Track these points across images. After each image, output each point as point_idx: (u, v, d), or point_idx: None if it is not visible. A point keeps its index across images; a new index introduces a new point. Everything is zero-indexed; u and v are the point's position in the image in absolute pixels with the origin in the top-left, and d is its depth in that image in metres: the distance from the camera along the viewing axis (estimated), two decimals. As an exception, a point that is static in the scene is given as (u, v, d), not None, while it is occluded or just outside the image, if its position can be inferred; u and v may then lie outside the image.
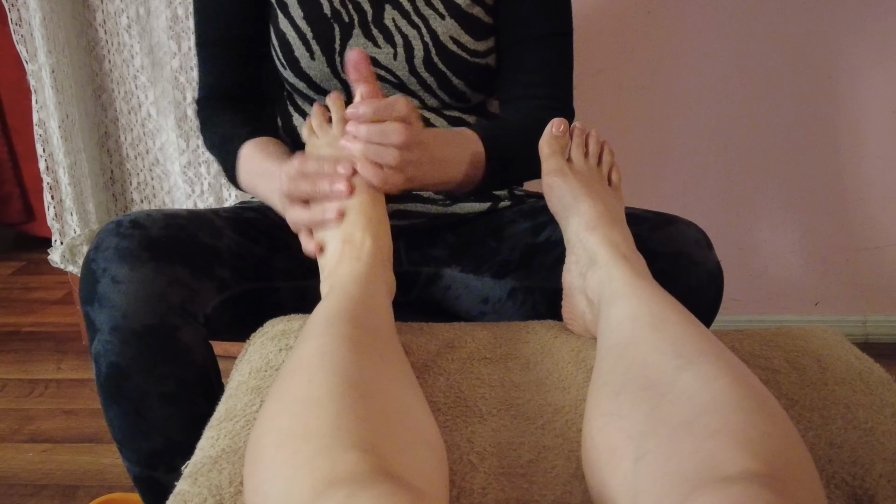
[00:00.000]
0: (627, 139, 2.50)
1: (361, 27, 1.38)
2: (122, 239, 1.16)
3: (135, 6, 2.21)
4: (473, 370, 1.08)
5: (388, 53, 1.39)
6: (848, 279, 2.68)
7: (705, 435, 0.68)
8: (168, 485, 0.87)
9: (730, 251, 2.62)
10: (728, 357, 0.80)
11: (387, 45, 1.39)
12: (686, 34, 2.42)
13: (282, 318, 1.22)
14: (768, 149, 2.53)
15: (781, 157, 2.53)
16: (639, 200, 1.79)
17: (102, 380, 1.18)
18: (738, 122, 2.50)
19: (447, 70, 1.40)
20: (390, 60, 1.39)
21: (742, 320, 2.72)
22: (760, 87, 2.46)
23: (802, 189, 2.57)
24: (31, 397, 2.45)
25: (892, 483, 0.83)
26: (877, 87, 2.44)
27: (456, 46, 1.39)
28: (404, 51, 1.39)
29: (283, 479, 0.67)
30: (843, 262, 2.65)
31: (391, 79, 1.41)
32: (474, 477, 0.85)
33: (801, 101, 2.47)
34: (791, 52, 2.41)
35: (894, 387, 1.04)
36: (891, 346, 2.70)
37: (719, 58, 2.44)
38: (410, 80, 1.41)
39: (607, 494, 0.72)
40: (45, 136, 2.25)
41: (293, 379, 0.80)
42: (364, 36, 1.39)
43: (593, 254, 1.07)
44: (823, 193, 2.57)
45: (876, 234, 2.61)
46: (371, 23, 1.39)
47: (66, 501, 1.95)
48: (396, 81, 1.41)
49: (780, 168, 2.55)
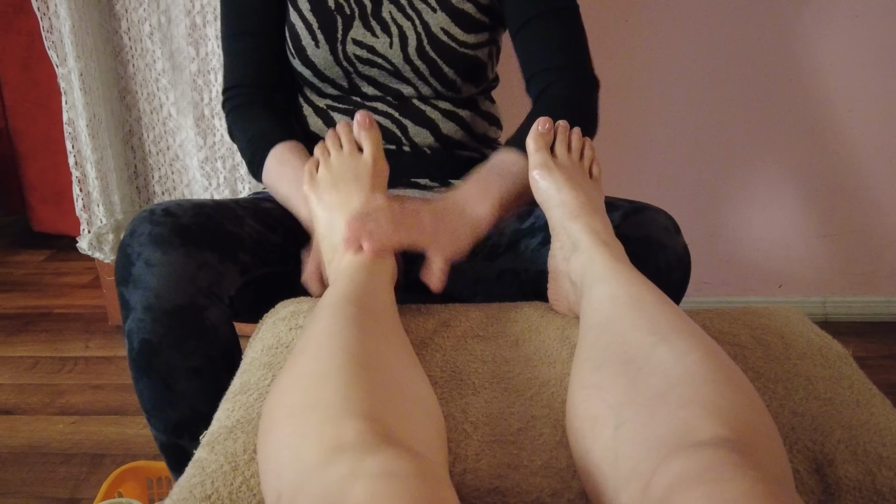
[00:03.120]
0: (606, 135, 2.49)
1: (361, 19, 1.39)
2: (156, 226, 1.16)
3: (157, 15, 2.20)
4: (467, 347, 1.08)
5: (385, 42, 1.40)
6: (808, 263, 2.68)
7: (679, 405, 0.68)
8: (192, 452, 0.87)
9: (700, 238, 2.63)
10: (699, 334, 0.80)
11: (383, 35, 1.39)
12: (659, 40, 2.42)
13: (292, 300, 1.22)
14: (735, 144, 2.53)
15: (747, 152, 2.54)
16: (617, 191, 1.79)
17: (135, 355, 1.18)
18: (708, 121, 2.51)
19: (438, 58, 1.41)
20: (386, 49, 1.40)
21: (712, 301, 2.72)
22: (728, 88, 2.46)
23: (766, 181, 2.57)
24: (62, 373, 2.45)
25: (849, 448, 0.83)
26: (833, 89, 2.45)
27: (446, 37, 1.40)
28: (399, 40, 1.39)
29: (294, 445, 0.67)
30: (804, 248, 2.65)
31: (387, 66, 1.41)
32: (469, 444, 0.85)
33: (765, 102, 2.47)
34: (755, 57, 2.41)
35: (851, 361, 1.05)
36: (848, 325, 2.70)
37: (690, 62, 2.44)
38: (405, 68, 1.41)
39: (590, 460, 0.73)
40: (74, 133, 2.25)
41: (304, 355, 0.80)
42: (363, 27, 1.39)
43: (576, 240, 1.07)
44: (786, 185, 2.57)
45: (834, 222, 2.61)
46: (370, 15, 1.40)
47: (94, 469, 1.95)
48: (392, 68, 1.41)
49: (746, 162, 2.55)
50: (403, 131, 1.45)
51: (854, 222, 2.61)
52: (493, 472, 0.81)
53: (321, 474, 0.62)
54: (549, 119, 1.23)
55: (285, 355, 1.04)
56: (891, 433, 0.86)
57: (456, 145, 1.49)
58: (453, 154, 1.50)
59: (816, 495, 0.78)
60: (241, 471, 0.81)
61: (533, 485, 0.79)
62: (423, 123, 1.45)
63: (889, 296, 2.70)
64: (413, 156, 1.47)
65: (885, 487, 0.78)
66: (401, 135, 1.45)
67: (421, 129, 1.45)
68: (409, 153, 1.46)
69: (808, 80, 2.44)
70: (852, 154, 2.53)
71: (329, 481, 0.60)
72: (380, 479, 0.58)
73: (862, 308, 2.72)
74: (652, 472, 0.62)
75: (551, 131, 1.22)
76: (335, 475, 0.60)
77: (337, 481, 0.60)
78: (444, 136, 1.47)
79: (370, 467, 0.60)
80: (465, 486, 0.79)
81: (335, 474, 0.61)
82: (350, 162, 1.21)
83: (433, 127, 1.45)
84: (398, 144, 1.46)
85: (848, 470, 0.80)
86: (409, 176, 1.46)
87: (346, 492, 0.58)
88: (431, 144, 1.47)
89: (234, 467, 0.82)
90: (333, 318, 0.86)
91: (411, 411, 0.74)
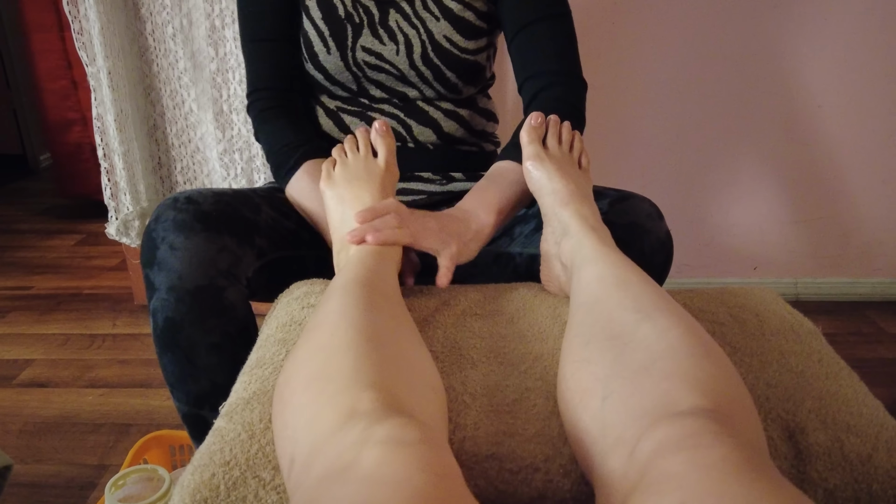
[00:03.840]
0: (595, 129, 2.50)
1: (370, 27, 1.39)
2: (179, 212, 1.17)
3: (179, 18, 2.19)
4: (466, 324, 1.08)
5: (392, 49, 1.39)
6: (781, 247, 2.68)
7: (661, 377, 0.68)
8: (211, 422, 0.88)
9: (681, 224, 2.63)
10: (680, 312, 0.80)
11: (390, 43, 1.39)
12: (644, 42, 2.41)
13: (305, 282, 1.22)
14: (714, 138, 2.53)
15: (725, 144, 2.53)
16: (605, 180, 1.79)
17: (159, 332, 1.18)
18: (688, 115, 2.50)
19: (441, 64, 1.40)
20: (393, 56, 1.39)
21: (692, 282, 2.72)
22: (707, 86, 2.46)
23: (743, 172, 2.57)
24: (91, 349, 2.45)
25: (819, 417, 0.83)
26: (804, 87, 2.45)
27: (449, 44, 1.39)
28: (405, 47, 1.39)
29: (309, 414, 0.68)
30: (777, 233, 2.65)
31: (394, 71, 1.41)
32: (468, 414, 0.86)
33: (741, 98, 2.47)
34: (732, 57, 2.41)
35: (821, 337, 1.05)
36: (817, 304, 2.70)
37: (672, 61, 2.43)
38: (410, 73, 1.41)
39: (580, 428, 0.73)
40: (103, 127, 2.24)
41: (319, 331, 0.80)
42: (372, 35, 1.39)
43: (566, 226, 1.07)
44: (760, 175, 2.57)
45: (804, 209, 2.61)
46: (378, 24, 1.39)
47: (121, 437, 1.95)
48: (398, 73, 1.41)
49: (724, 154, 2.55)
50: (408, 130, 1.45)
51: (823, 209, 2.61)
52: (491, 440, 0.81)
53: (335, 440, 0.62)
54: (542, 114, 1.23)
55: (298, 332, 1.04)
56: (857, 403, 0.86)
57: (456, 141, 1.49)
58: (454, 149, 1.49)
59: (789, 460, 0.78)
60: (257, 439, 0.81)
61: (527, 451, 0.79)
62: (426, 123, 1.45)
63: (855, 277, 2.71)
64: (417, 152, 1.46)
65: (853, 453, 0.78)
66: (406, 134, 1.45)
67: (424, 129, 1.45)
68: (413, 149, 1.46)
69: (781, 78, 2.44)
70: (822, 146, 2.53)
71: (342, 446, 0.61)
72: (389, 445, 0.59)
73: (830, 288, 2.72)
74: (637, 440, 0.63)
75: (543, 125, 1.22)
76: (348, 441, 0.61)
77: (350, 446, 0.60)
78: (445, 134, 1.47)
79: (380, 434, 0.60)
80: (465, 452, 0.79)
81: (348, 440, 0.61)
82: (365, 163, 1.22)
83: (436, 126, 1.45)
84: (404, 142, 1.46)
85: (818, 437, 0.80)
86: (414, 170, 1.46)
87: (358, 456, 0.58)
88: (434, 141, 1.47)
89: (251, 435, 0.82)
90: (345, 297, 0.86)
91: (416, 383, 0.74)
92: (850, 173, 2.56)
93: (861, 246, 2.66)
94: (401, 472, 0.56)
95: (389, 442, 0.59)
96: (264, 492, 0.74)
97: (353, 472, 0.57)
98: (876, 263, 2.69)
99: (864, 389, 0.91)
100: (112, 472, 1.81)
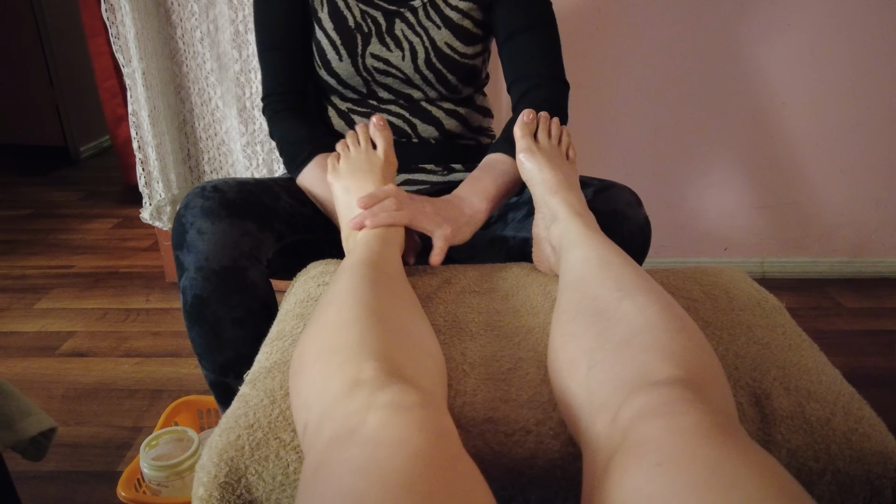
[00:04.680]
0: (581, 124, 2.50)
1: (378, 36, 1.38)
2: (206, 200, 1.17)
3: (206, 24, 2.19)
4: (465, 300, 1.08)
5: (398, 56, 1.38)
6: (749, 230, 2.68)
7: (640, 349, 0.68)
8: (236, 388, 0.88)
9: (659, 209, 2.63)
10: (658, 290, 0.80)
11: (397, 50, 1.38)
12: (625, 47, 2.40)
13: (320, 262, 1.22)
14: (688, 132, 2.52)
15: (698, 138, 2.53)
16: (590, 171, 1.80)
17: (188, 308, 1.18)
18: (665, 112, 2.49)
19: (443, 68, 1.39)
20: (399, 61, 1.39)
21: (669, 261, 2.72)
22: (682, 85, 2.45)
23: (714, 162, 2.56)
24: (126, 322, 2.45)
25: (783, 384, 0.84)
26: (770, 86, 2.44)
27: (449, 50, 1.38)
28: (410, 54, 1.38)
29: (320, 381, 0.68)
30: (746, 217, 2.65)
31: (400, 75, 1.40)
32: (467, 381, 0.86)
33: (713, 96, 2.46)
34: (705, 60, 2.40)
35: (785, 312, 1.05)
36: (782, 281, 2.70)
37: (651, 63, 2.42)
38: (415, 76, 1.40)
39: (567, 395, 0.73)
40: (138, 122, 2.24)
41: (328, 308, 0.80)
42: (380, 42, 1.38)
43: (555, 212, 1.07)
44: (730, 165, 2.57)
45: (770, 195, 2.61)
46: (385, 32, 1.38)
47: (154, 402, 1.96)
48: (404, 77, 1.40)
49: (697, 146, 2.54)
50: (413, 128, 1.45)
51: (787, 196, 2.61)
52: (487, 405, 0.81)
53: (342, 406, 0.62)
54: (533, 111, 1.23)
55: (314, 307, 1.04)
56: (817, 372, 0.87)
57: (456, 137, 1.49)
58: (454, 144, 1.49)
59: (756, 424, 0.78)
60: (278, 404, 0.81)
61: (520, 415, 0.79)
62: (429, 121, 1.44)
63: (816, 257, 2.71)
64: (421, 146, 1.46)
65: (813, 417, 0.78)
66: (410, 131, 1.45)
67: (428, 126, 1.44)
68: (417, 144, 1.46)
69: (749, 78, 2.43)
70: (785, 139, 2.52)
71: (349, 411, 0.61)
72: (390, 409, 0.59)
73: (794, 267, 2.72)
74: (618, 406, 0.63)
75: (534, 121, 1.22)
76: (354, 406, 0.61)
77: (355, 411, 0.60)
78: (446, 131, 1.46)
79: (382, 400, 0.60)
80: (464, 416, 0.79)
81: (354, 405, 0.61)
82: (366, 156, 1.23)
83: (438, 123, 1.45)
84: (409, 138, 1.45)
85: (782, 403, 0.80)
86: (418, 162, 1.46)
87: (363, 420, 0.59)
88: (436, 137, 1.46)
89: (273, 401, 0.82)
90: (353, 277, 0.86)
91: (417, 354, 0.74)
92: (811, 163, 2.56)
93: (821, 229, 2.66)
94: (401, 434, 0.56)
95: (391, 406, 0.59)
96: (284, 452, 0.75)
97: (359, 434, 0.57)
98: (834, 244, 2.69)
99: (824, 359, 0.91)
100: (146, 433, 1.81)
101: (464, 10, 1.39)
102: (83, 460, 1.73)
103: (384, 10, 1.39)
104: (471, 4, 1.39)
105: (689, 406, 0.58)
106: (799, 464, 0.74)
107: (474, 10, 1.40)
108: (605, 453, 0.61)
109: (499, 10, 1.39)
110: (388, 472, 0.52)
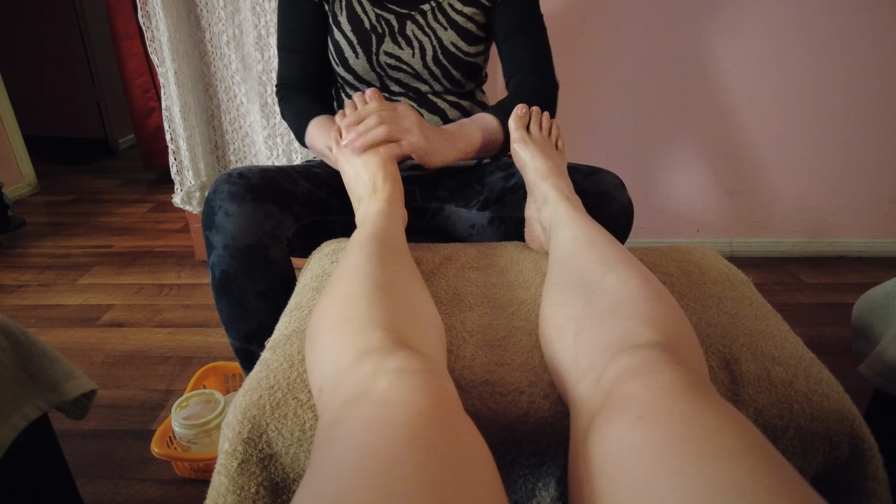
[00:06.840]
0: (569, 117, 2.49)
1: (391, 36, 1.38)
2: (232, 185, 1.17)
3: (232, 28, 2.19)
4: (465, 275, 1.07)
5: (409, 53, 1.38)
6: (719, 213, 2.68)
7: (623, 317, 0.68)
8: (258, 354, 0.88)
9: (639, 194, 2.63)
10: (638, 265, 0.79)
11: (407, 48, 1.38)
12: (608, 46, 2.39)
13: (333, 241, 1.22)
14: (664, 125, 2.51)
15: (673, 130, 2.52)
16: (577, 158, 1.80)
17: (216, 282, 1.18)
18: (644, 106, 2.49)
19: (448, 65, 1.39)
20: (410, 58, 1.38)
21: (647, 241, 2.72)
22: (658, 82, 2.44)
23: (688, 152, 2.56)
24: (160, 296, 2.45)
25: (750, 350, 0.83)
26: (737, 84, 2.44)
27: (455, 49, 1.38)
28: (419, 52, 1.38)
29: (332, 350, 0.67)
30: (716, 202, 2.65)
31: (410, 71, 1.40)
32: (465, 348, 0.85)
33: (686, 93, 2.45)
34: (679, 60, 2.39)
35: (751, 286, 1.05)
36: (748, 259, 2.70)
37: (631, 63, 2.41)
38: (423, 72, 1.40)
39: (557, 359, 0.73)
40: (170, 117, 2.25)
41: (338, 283, 0.80)
42: (392, 42, 1.38)
43: (545, 195, 1.06)
44: (702, 155, 2.56)
45: (737, 182, 2.61)
46: (397, 33, 1.38)
47: (184, 367, 1.96)
48: (414, 73, 1.40)
49: (673, 137, 2.54)
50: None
51: (752, 183, 2.60)
52: (485, 369, 0.81)
53: (353, 371, 0.62)
54: (526, 105, 1.23)
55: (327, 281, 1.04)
56: (781, 339, 0.86)
57: None
58: None
59: (726, 385, 0.77)
60: (296, 367, 0.81)
61: (514, 378, 0.79)
62: (435, 112, 1.44)
63: (779, 238, 2.71)
64: None
65: (777, 379, 0.78)
66: None
67: (434, 116, 1.44)
68: None
69: (718, 77, 2.43)
70: (751, 132, 2.52)
71: (359, 377, 0.61)
72: (397, 373, 0.59)
73: (759, 247, 2.72)
74: (603, 368, 0.62)
75: (527, 114, 1.22)
76: (364, 372, 0.61)
77: (365, 376, 0.60)
78: (450, 120, 1.46)
79: (390, 365, 0.60)
80: (464, 378, 0.79)
81: (364, 371, 0.61)
82: None
83: (443, 114, 1.44)
84: None
85: (749, 366, 0.80)
86: None
87: (372, 383, 0.59)
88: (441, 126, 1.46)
89: (291, 365, 0.82)
90: (361, 253, 0.86)
91: (419, 322, 0.73)
92: (774, 153, 2.56)
93: (784, 212, 2.66)
94: (407, 395, 0.56)
95: (397, 371, 0.59)
96: (301, 410, 0.74)
97: (369, 396, 0.57)
98: (796, 226, 2.69)
99: (787, 328, 0.91)
100: (177, 395, 1.82)
101: (468, 14, 1.39)
102: (121, 420, 1.73)
103: (397, 14, 1.39)
104: (474, 9, 1.40)
105: (667, 366, 0.58)
106: (765, 421, 0.74)
107: (477, 14, 1.40)
108: (590, 410, 0.60)
109: (497, 15, 1.40)
110: (395, 428, 0.52)
